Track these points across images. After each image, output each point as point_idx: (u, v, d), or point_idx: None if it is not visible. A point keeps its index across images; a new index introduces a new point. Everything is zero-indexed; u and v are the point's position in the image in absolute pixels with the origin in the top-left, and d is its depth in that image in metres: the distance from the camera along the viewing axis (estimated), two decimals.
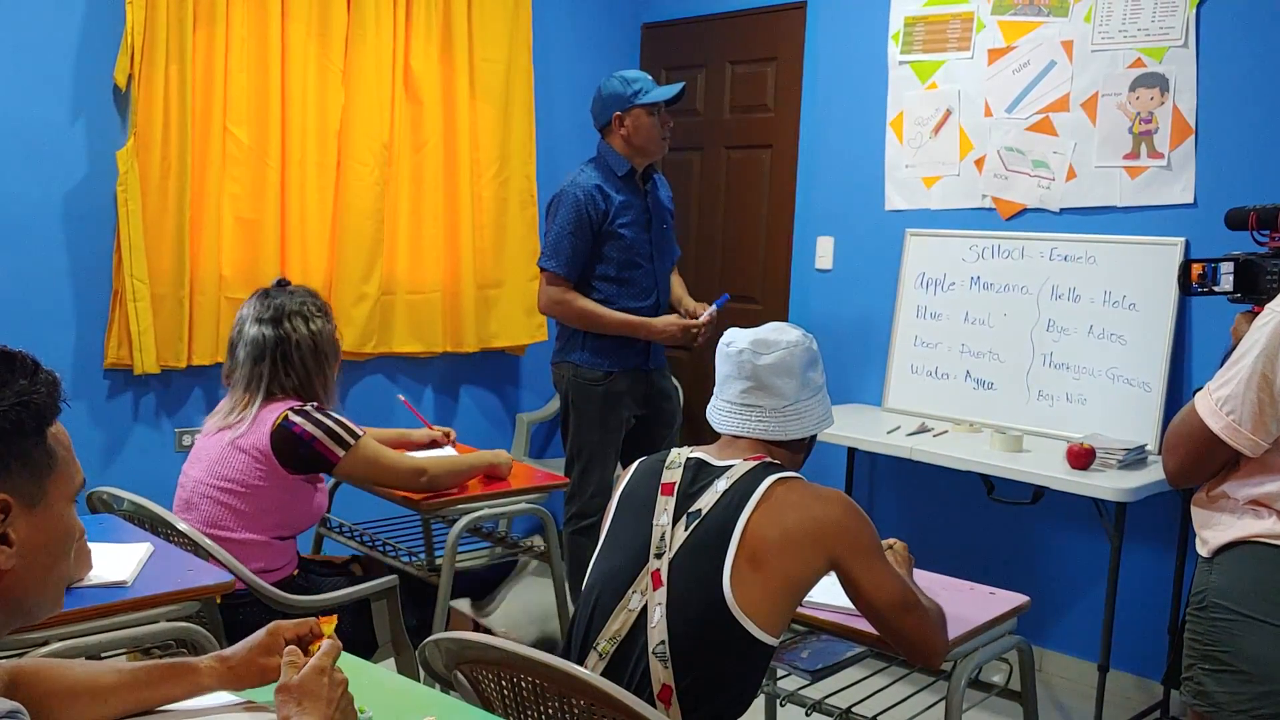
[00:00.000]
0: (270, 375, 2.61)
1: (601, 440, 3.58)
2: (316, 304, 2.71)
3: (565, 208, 3.49)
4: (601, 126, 3.59)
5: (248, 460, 2.57)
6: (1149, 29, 3.52)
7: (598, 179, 3.52)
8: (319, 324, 2.67)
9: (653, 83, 3.55)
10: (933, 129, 4.05)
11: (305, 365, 2.64)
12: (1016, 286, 3.83)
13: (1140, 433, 3.45)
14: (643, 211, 3.58)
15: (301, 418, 2.58)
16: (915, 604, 1.89)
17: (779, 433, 1.96)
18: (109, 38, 3.64)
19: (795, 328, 2.02)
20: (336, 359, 2.75)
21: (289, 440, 2.56)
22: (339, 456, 2.60)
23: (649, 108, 3.50)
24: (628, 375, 3.59)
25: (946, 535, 4.04)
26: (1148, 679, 3.58)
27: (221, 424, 2.63)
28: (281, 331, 2.62)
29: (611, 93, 3.53)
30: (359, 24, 4.12)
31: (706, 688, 1.79)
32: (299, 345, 2.63)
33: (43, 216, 3.62)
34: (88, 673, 1.41)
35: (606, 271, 3.53)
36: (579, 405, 3.59)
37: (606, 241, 3.51)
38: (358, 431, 2.64)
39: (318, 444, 2.57)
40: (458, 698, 1.77)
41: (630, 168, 3.55)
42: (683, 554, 1.84)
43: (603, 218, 3.48)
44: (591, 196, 3.48)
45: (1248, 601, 1.89)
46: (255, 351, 2.61)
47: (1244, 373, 1.88)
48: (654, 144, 3.55)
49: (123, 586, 2.07)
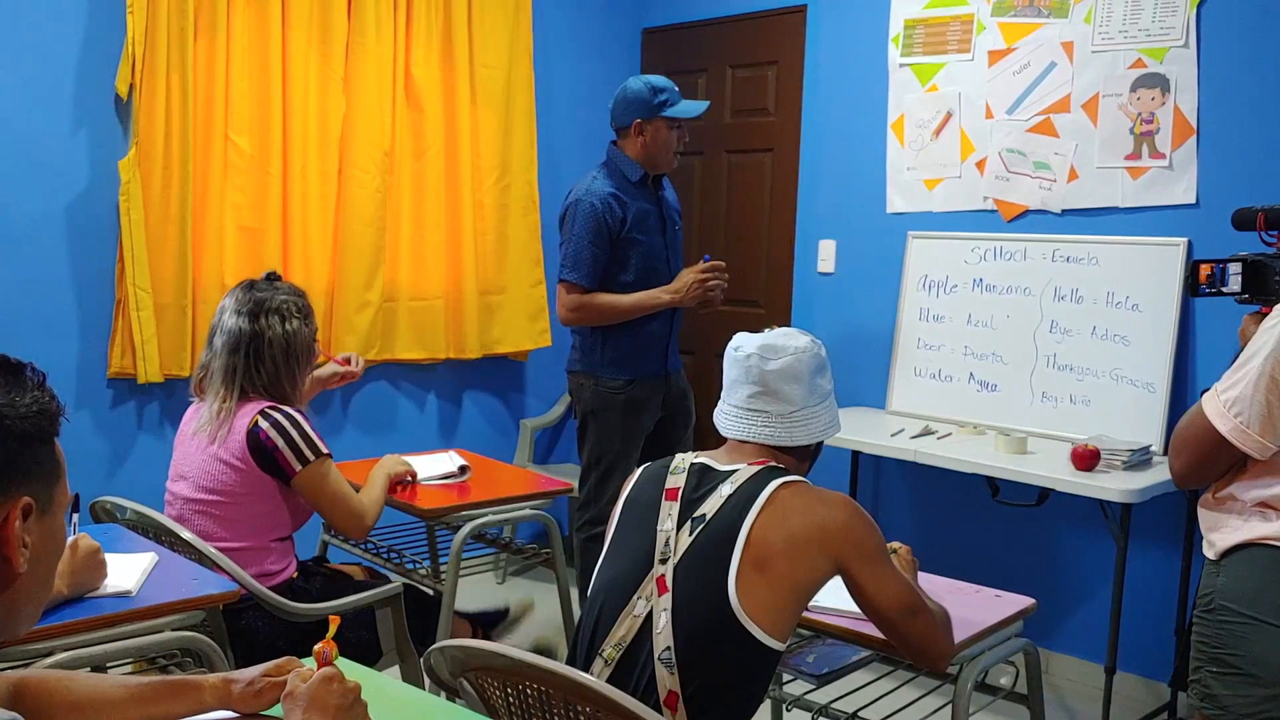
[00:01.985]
0: (244, 370, 2.58)
1: (622, 449, 3.54)
2: (298, 304, 2.67)
3: (582, 217, 3.44)
4: (618, 129, 3.54)
5: (227, 469, 2.55)
6: (1149, 29, 3.52)
7: (611, 186, 3.47)
8: (295, 325, 2.63)
9: (679, 95, 3.50)
10: (934, 131, 4.05)
11: (275, 364, 2.60)
12: (1019, 288, 3.83)
13: (1145, 434, 3.44)
14: (657, 216, 3.56)
15: (269, 424, 2.55)
16: (921, 608, 1.89)
17: (785, 439, 1.95)
18: (110, 48, 3.65)
19: (804, 334, 2.01)
20: (309, 363, 2.72)
21: (256, 444, 2.54)
22: (295, 470, 2.57)
23: (671, 121, 3.47)
24: (648, 383, 3.55)
25: (951, 538, 4.03)
26: (1155, 681, 3.57)
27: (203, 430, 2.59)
28: (257, 327, 2.59)
29: (637, 98, 3.47)
30: (359, 31, 4.13)
31: (712, 693, 1.79)
32: (271, 343, 2.60)
33: (45, 227, 3.63)
34: (92, 687, 1.40)
35: (625, 278, 3.49)
36: (599, 414, 3.54)
37: (624, 248, 3.47)
38: (322, 449, 2.60)
39: (279, 454, 2.55)
40: (463, 705, 1.77)
41: (643, 173, 3.52)
42: (687, 559, 1.83)
43: (620, 225, 3.45)
44: (608, 204, 3.43)
45: (1255, 604, 1.88)
46: (231, 342, 2.59)
47: (1252, 374, 1.87)
48: (666, 157, 3.52)
49: (128, 596, 2.07)
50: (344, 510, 2.67)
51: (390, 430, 4.47)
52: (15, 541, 1.11)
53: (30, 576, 1.14)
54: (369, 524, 2.75)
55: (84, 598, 2.03)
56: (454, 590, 2.88)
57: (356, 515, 2.70)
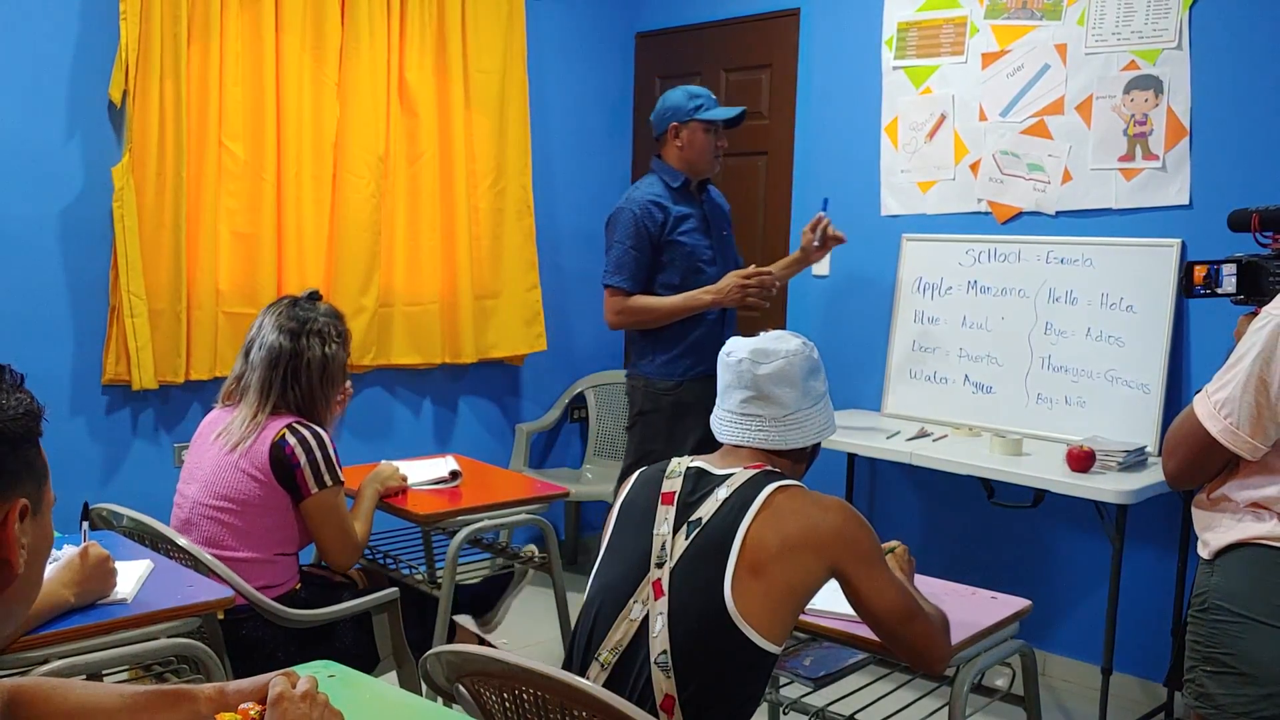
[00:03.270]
0: (280, 387, 2.62)
1: (665, 450, 3.53)
2: (338, 328, 2.72)
3: (622, 224, 3.52)
4: (657, 137, 3.62)
5: (246, 479, 2.57)
6: (1142, 31, 3.53)
7: (651, 193, 3.55)
8: (334, 348, 2.69)
9: (715, 101, 3.57)
10: (927, 134, 4.06)
11: (311, 384, 2.65)
12: (1014, 290, 3.83)
13: (1140, 434, 3.44)
14: (700, 219, 3.58)
15: (296, 439, 2.58)
16: (917, 611, 1.89)
17: (779, 442, 1.95)
18: (103, 54, 3.64)
19: (796, 336, 2.02)
20: (341, 387, 2.76)
21: (279, 458, 2.56)
22: (310, 491, 2.59)
23: (706, 124, 3.52)
24: (698, 384, 3.54)
25: (947, 540, 4.03)
26: (1151, 681, 3.58)
27: (233, 439, 2.60)
28: (298, 346, 2.63)
29: (673, 104, 3.56)
30: (353, 37, 4.12)
31: (709, 697, 1.79)
32: (309, 364, 2.64)
33: (39, 233, 3.62)
34: (88, 695, 1.40)
35: (670, 279, 3.54)
36: (647, 415, 3.59)
37: (666, 250, 3.53)
38: (340, 477, 2.64)
39: (299, 471, 2.58)
40: (460, 711, 1.77)
41: (685, 179, 3.57)
42: (684, 563, 1.83)
43: (660, 228, 3.51)
44: (647, 209, 3.50)
45: (1249, 604, 1.89)
46: (271, 358, 2.62)
47: (1241, 376, 1.88)
48: (705, 160, 3.57)
49: (123, 603, 2.07)
50: (342, 544, 2.71)
51: (386, 435, 4.47)
52: (14, 543, 1.12)
53: (25, 577, 1.16)
54: (358, 558, 2.80)
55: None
56: (450, 595, 2.88)
57: (352, 550, 2.74)
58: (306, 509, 2.62)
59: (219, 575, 2.41)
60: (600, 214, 5.11)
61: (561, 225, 4.96)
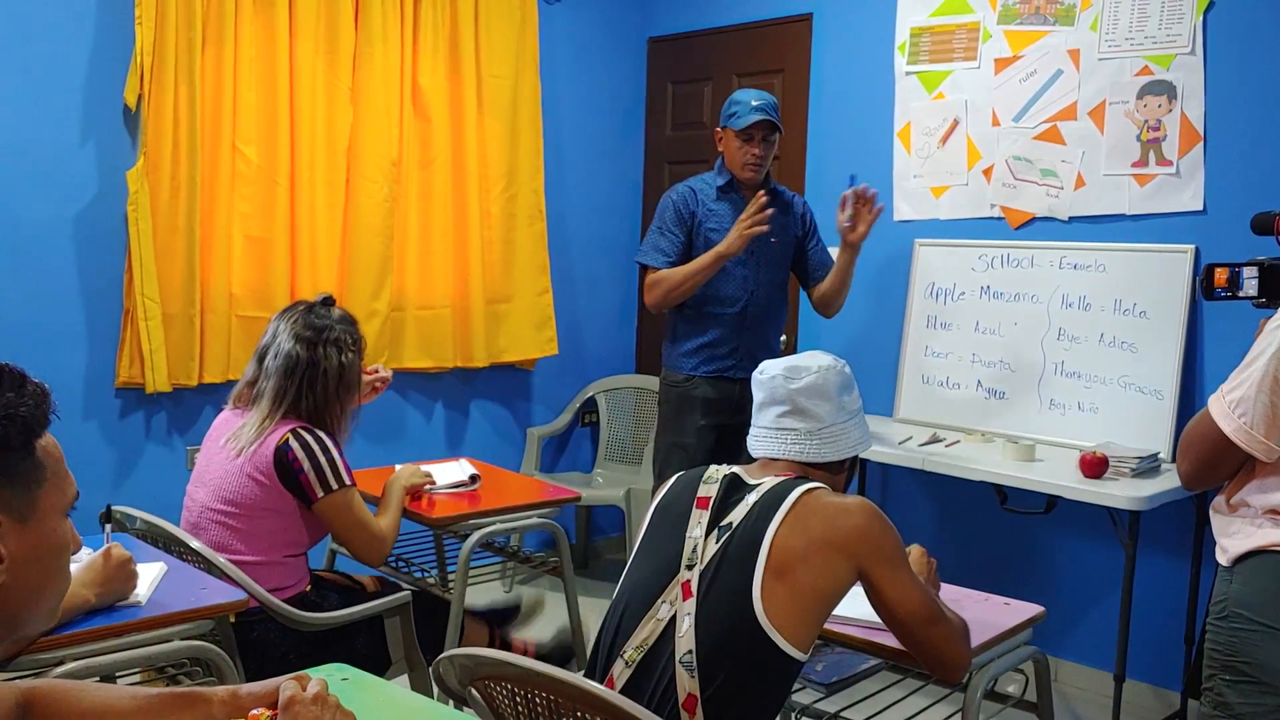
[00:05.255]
0: (294, 395, 2.61)
1: (674, 443, 3.63)
2: (354, 336, 2.71)
3: (661, 205, 3.65)
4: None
5: (251, 483, 2.57)
6: (1156, 36, 3.52)
7: (698, 183, 3.65)
8: (350, 357, 2.67)
9: (749, 109, 3.57)
10: (940, 139, 4.05)
11: (326, 394, 2.63)
12: (1026, 295, 3.82)
13: (1153, 441, 3.43)
14: (732, 220, 3.54)
15: (298, 443, 2.57)
16: (940, 616, 1.89)
17: (815, 455, 1.98)
18: (118, 58, 3.66)
19: (827, 354, 2.06)
20: (356, 395, 2.75)
21: (281, 462, 2.56)
22: (317, 496, 2.58)
23: (741, 133, 3.56)
24: (711, 382, 3.58)
25: (960, 546, 4.02)
26: (1164, 689, 3.56)
27: (241, 444, 2.60)
28: (315, 355, 2.61)
29: (723, 108, 3.64)
30: (367, 42, 4.14)
31: (731, 698, 1.79)
32: (325, 374, 2.62)
33: (54, 237, 3.64)
34: (102, 697, 1.40)
35: None
36: (661, 406, 3.73)
37: (697, 240, 3.59)
38: (346, 479, 2.62)
39: (303, 476, 2.57)
40: (472, 714, 1.77)
41: (730, 178, 3.62)
42: (713, 566, 1.85)
43: (690, 216, 3.58)
44: (684, 196, 3.61)
45: (1268, 611, 1.87)
46: (286, 366, 2.61)
47: (1256, 375, 1.87)
48: (735, 166, 3.60)
49: (137, 606, 2.07)
50: (364, 538, 2.69)
51: (398, 439, 4.47)
52: None
53: (15, 586, 1.13)
54: (388, 550, 2.77)
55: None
56: (462, 598, 2.88)
57: (377, 542, 2.72)
58: (322, 513, 2.62)
59: (231, 578, 2.41)
60: (612, 219, 5.16)
61: (573, 230, 4.97)
